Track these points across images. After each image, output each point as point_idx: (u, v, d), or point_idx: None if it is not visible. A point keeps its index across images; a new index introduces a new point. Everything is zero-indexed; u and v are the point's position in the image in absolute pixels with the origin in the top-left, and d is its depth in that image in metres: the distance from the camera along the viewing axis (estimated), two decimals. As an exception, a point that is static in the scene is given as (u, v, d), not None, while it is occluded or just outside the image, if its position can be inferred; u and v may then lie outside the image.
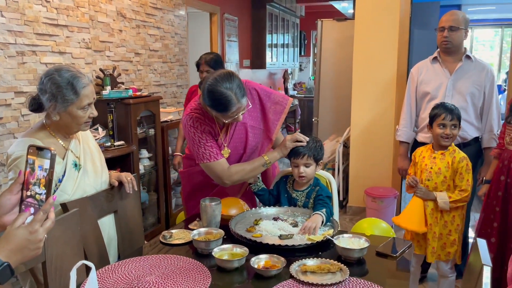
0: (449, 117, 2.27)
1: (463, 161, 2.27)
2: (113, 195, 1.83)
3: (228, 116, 1.88)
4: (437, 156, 2.32)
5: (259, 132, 2.13)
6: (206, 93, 1.85)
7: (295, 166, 2.02)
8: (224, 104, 1.82)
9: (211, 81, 1.84)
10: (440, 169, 2.29)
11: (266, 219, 1.93)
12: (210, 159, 1.97)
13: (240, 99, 1.84)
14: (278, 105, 2.13)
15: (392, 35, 3.97)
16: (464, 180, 2.25)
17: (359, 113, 4.19)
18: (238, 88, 1.84)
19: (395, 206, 4.08)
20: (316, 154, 2.01)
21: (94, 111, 1.69)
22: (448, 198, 2.25)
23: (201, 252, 1.65)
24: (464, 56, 2.70)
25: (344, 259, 1.59)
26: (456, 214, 2.30)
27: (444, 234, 2.31)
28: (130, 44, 3.81)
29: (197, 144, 1.97)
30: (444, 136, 2.28)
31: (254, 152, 2.15)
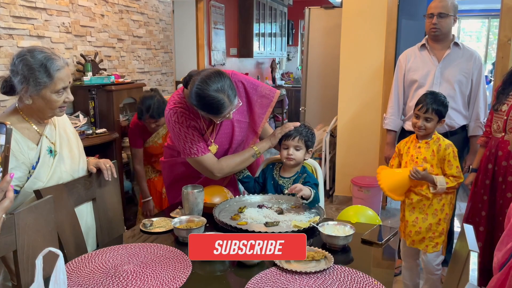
0: (424, 109, 2.20)
1: (449, 148, 2.21)
2: (91, 182, 1.76)
3: (220, 117, 1.81)
4: (422, 145, 2.26)
5: (245, 126, 2.07)
6: (195, 97, 1.73)
7: (284, 148, 1.98)
8: (216, 108, 1.74)
9: (199, 84, 1.72)
10: (426, 158, 2.23)
11: (250, 206, 1.88)
12: (198, 153, 1.91)
13: (232, 100, 1.76)
14: (265, 99, 2.07)
15: (380, 24, 3.93)
16: (454, 167, 2.19)
17: (346, 102, 4.15)
18: (230, 88, 1.75)
19: (381, 195, 4.08)
20: (307, 139, 1.98)
21: (69, 95, 1.61)
22: (446, 184, 2.17)
23: (182, 241, 1.60)
24: (452, 43, 2.67)
25: (329, 247, 1.55)
26: (446, 203, 2.24)
27: (433, 224, 2.23)
28: (112, 29, 3.71)
29: (183, 139, 1.90)
30: (417, 127, 2.22)
31: (239, 147, 2.09)
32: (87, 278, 1.31)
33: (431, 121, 2.20)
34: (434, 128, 2.24)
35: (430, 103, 2.20)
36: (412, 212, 2.26)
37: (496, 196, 2.26)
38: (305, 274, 1.34)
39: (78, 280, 1.30)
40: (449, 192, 2.22)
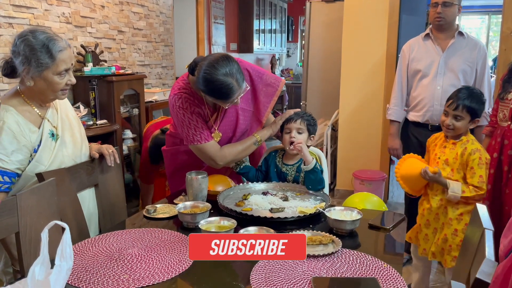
0: (453, 105, 1.95)
1: (475, 153, 1.92)
2: (93, 168, 1.73)
3: (228, 102, 1.78)
4: (448, 145, 2.02)
5: (249, 115, 2.04)
6: (202, 82, 1.70)
7: (286, 133, 1.95)
8: (225, 93, 1.71)
9: (207, 69, 1.68)
10: (448, 160, 1.99)
11: (255, 194, 1.85)
12: (201, 141, 1.88)
13: (241, 84, 1.73)
14: (270, 87, 2.04)
15: (382, 16, 3.91)
16: (476, 176, 1.91)
17: (348, 96, 4.13)
18: (238, 72, 1.72)
19: (383, 188, 4.06)
20: (309, 123, 1.96)
21: (72, 78, 1.58)
22: (462, 193, 1.93)
23: (186, 226, 1.57)
24: (457, 32, 2.65)
25: (336, 232, 1.53)
26: (465, 211, 1.98)
27: (449, 235, 1.99)
28: (113, 21, 3.68)
29: (187, 125, 1.86)
30: (444, 125, 2.01)
31: (243, 135, 2.06)
32: (91, 261, 1.28)
33: (461, 120, 1.95)
34: (464, 129, 1.99)
35: (462, 98, 1.95)
36: (428, 224, 2.08)
37: (502, 185, 2.23)
38: (313, 258, 1.31)
39: (82, 263, 1.27)
40: (469, 202, 1.98)
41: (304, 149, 1.88)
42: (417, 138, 2.77)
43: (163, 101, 3.76)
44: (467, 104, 1.94)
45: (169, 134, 2.14)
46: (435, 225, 2.05)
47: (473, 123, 2.00)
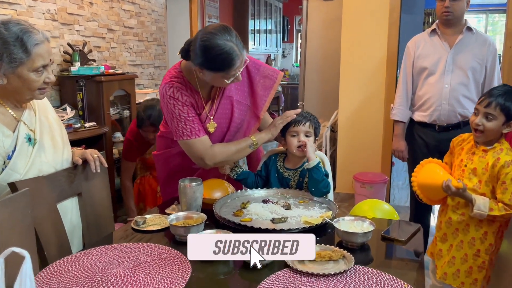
0: (485, 102, 1.72)
1: (509, 166, 1.69)
2: (76, 175, 1.57)
3: (230, 74, 1.61)
4: (478, 152, 1.79)
5: (245, 109, 1.89)
6: (201, 51, 1.56)
7: (293, 136, 1.79)
8: (226, 60, 1.56)
9: (205, 36, 1.56)
10: (476, 170, 1.76)
11: (254, 201, 1.70)
12: (191, 135, 1.72)
13: (241, 51, 1.60)
14: (268, 79, 1.89)
15: (382, 15, 3.77)
16: (508, 193, 1.68)
17: (348, 96, 3.99)
18: (238, 40, 1.60)
19: (385, 191, 3.91)
20: (316, 126, 1.82)
21: (50, 75, 1.41)
22: (489, 210, 1.69)
23: (179, 240, 1.41)
24: (465, 28, 2.51)
25: (345, 245, 1.38)
26: (490, 231, 1.78)
27: (470, 255, 1.79)
28: (102, 18, 3.51)
29: (177, 118, 1.72)
30: (473, 127, 1.78)
31: (238, 131, 1.90)
32: (69, 283, 1.12)
33: (493, 121, 1.71)
34: (496, 133, 1.73)
35: (495, 95, 1.71)
36: (445, 238, 1.88)
37: None
38: (323, 277, 1.16)
39: (59, 286, 1.11)
40: (496, 220, 1.76)
41: (310, 147, 1.75)
42: (423, 139, 2.63)
43: (155, 102, 3.59)
44: (501, 102, 1.69)
45: (160, 135, 1.98)
46: (452, 241, 1.85)
47: (508, 127, 1.73)
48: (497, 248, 1.85)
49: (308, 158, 1.74)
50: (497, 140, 1.78)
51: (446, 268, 1.86)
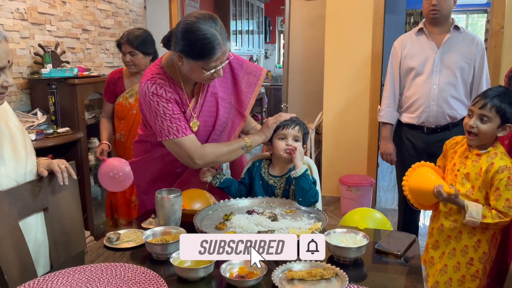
0: (480, 103, 1.64)
1: (503, 172, 1.61)
2: (41, 188, 1.42)
3: (210, 65, 1.50)
4: (471, 156, 1.71)
5: (229, 107, 1.78)
6: (182, 35, 1.48)
7: (280, 139, 1.69)
8: (207, 46, 1.46)
9: (189, 20, 1.48)
10: (469, 174, 1.69)
11: (238, 213, 1.58)
12: (178, 134, 1.60)
13: (224, 41, 1.50)
14: (252, 76, 1.79)
15: (366, 14, 3.71)
16: (502, 200, 1.60)
17: (332, 97, 3.91)
18: (222, 29, 1.50)
19: (371, 194, 3.84)
20: (305, 131, 1.74)
21: (8, 78, 1.27)
22: (482, 218, 1.62)
23: (156, 258, 1.29)
24: (453, 27, 2.44)
25: (337, 260, 1.27)
26: (484, 239, 1.70)
27: (462, 264, 1.72)
28: (76, 18, 3.34)
29: (162, 116, 1.59)
30: (467, 129, 1.69)
31: (223, 131, 1.79)
32: (29, 315, 0.99)
33: (488, 123, 1.63)
34: (491, 136, 1.65)
35: (491, 96, 1.63)
36: (437, 245, 1.80)
37: None
38: (315, 299, 1.05)
39: (17, 319, 0.97)
40: (490, 228, 1.68)
41: (298, 153, 1.65)
42: (412, 141, 2.56)
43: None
44: (497, 104, 1.61)
45: (138, 140, 1.85)
46: (444, 248, 1.77)
47: (503, 130, 1.65)
48: (491, 257, 1.77)
49: (296, 165, 1.63)
50: (491, 144, 1.70)
51: (438, 276, 1.78)
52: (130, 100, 2.57)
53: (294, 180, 1.65)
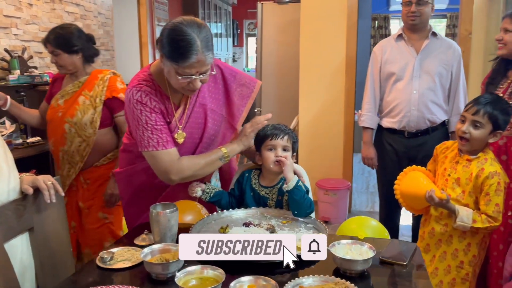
0: (473, 109, 1.67)
1: (493, 177, 1.65)
2: (26, 207, 1.32)
3: (185, 71, 1.44)
4: (461, 161, 1.73)
5: (220, 119, 1.72)
6: (165, 33, 1.45)
7: (269, 150, 1.64)
8: (183, 48, 1.41)
9: (176, 21, 1.45)
10: (459, 179, 1.72)
11: (234, 225, 1.53)
12: (158, 146, 1.54)
13: (204, 50, 1.44)
14: (245, 88, 1.74)
15: (340, 18, 3.73)
16: (492, 205, 1.64)
17: (308, 101, 3.91)
18: (206, 39, 1.45)
19: (348, 198, 3.88)
20: (294, 140, 1.69)
21: None
22: (472, 222, 1.66)
23: (156, 278, 1.22)
24: (431, 33, 2.49)
25: (343, 273, 1.25)
26: (473, 242, 1.74)
27: (453, 267, 1.75)
28: (43, 21, 3.19)
29: (143, 125, 1.53)
30: (459, 135, 1.71)
31: (212, 143, 1.73)
32: None
33: (481, 129, 1.66)
34: (482, 142, 1.69)
35: (483, 103, 1.67)
36: (428, 249, 1.82)
37: None
38: (331, 316, 1.02)
39: None
40: (479, 231, 1.72)
41: (289, 163, 1.60)
42: (392, 146, 2.59)
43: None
44: (490, 110, 1.65)
45: (123, 149, 1.77)
46: (435, 252, 1.80)
47: (494, 136, 1.70)
48: (480, 260, 1.81)
49: (286, 178, 1.58)
50: (482, 150, 1.73)
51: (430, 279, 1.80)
52: (60, 102, 2.25)
53: (287, 193, 1.61)
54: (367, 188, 4.88)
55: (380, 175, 2.72)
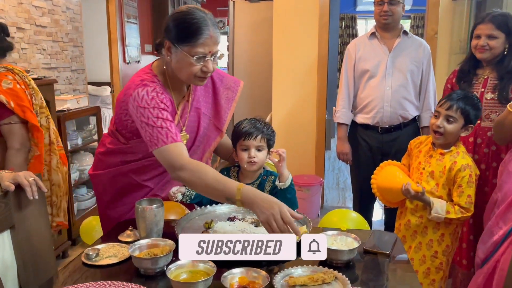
0: (446, 104, 1.75)
1: (465, 170, 1.74)
2: (7, 204, 1.28)
3: (198, 50, 1.40)
4: (435, 155, 1.82)
5: (208, 122, 1.71)
6: (171, 19, 1.44)
7: (243, 150, 1.66)
8: (194, 25, 1.39)
9: (180, 7, 1.48)
10: (433, 172, 1.80)
11: (219, 220, 1.54)
12: (177, 138, 1.42)
13: (214, 27, 1.44)
14: (230, 91, 1.74)
15: (312, 17, 3.79)
16: (464, 196, 1.74)
17: (281, 99, 3.95)
18: (213, 18, 1.46)
19: (320, 194, 3.95)
20: (269, 138, 1.70)
21: None
22: (446, 213, 1.75)
23: (144, 273, 1.22)
24: (402, 32, 2.58)
25: (329, 263, 1.28)
26: (447, 233, 1.83)
27: (428, 257, 1.84)
28: (10, 16, 3.08)
29: (153, 122, 1.41)
30: (434, 129, 1.80)
31: (200, 145, 1.71)
32: None
33: (454, 123, 1.75)
34: (456, 134, 1.78)
35: (456, 98, 1.75)
36: (404, 241, 1.87)
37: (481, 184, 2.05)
38: (323, 304, 1.05)
39: None
40: (452, 222, 1.82)
41: (285, 161, 1.63)
42: (366, 141, 2.66)
43: (77, 109, 3.23)
44: (462, 106, 1.75)
45: (104, 152, 1.69)
46: (411, 243, 1.87)
47: (466, 130, 1.80)
48: (453, 249, 1.90)
49: (281, 175, 1.60)
50: (454, 144, 1.81)
51: None
52: None
53: (278, 191, 1.63)
54: (338, 184, 4.98)
55: (354, 170, 2.78)
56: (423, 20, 8.65)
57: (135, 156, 1.61)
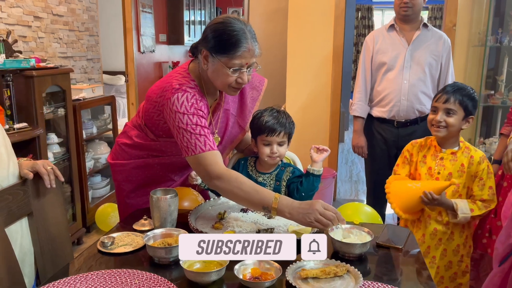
0: (443, 97, 1.70)
1: (484, 161, 1.68)
2: (26, 192, 1.31)
3: (235, 61, 1.40)
4: (446, 156, 1.74)
5: (233, 121, 1.72)
6: (210, 29, 1.43)
7: (265, 145, 1.65)
8: (233, 37, 1.38)
9: (219, 17, 1.46)
10: (452, 174, 1.71)
11: (232, 211, 1.55)
12: (213, 146, 1.42)
13: (253, 40, 1.43)
14: (255, 91, 1.75)
15: (328, 8, 3.75)
16: (486, 188, 1.67)
17: (295, 91, 3.93)
18: (252, 30, 1.45)
19: (333, 186, 3.93)
20: (290, 132, 1.70)
21: None
22: (470, 211, 1.68)
23: (158, 262, 1.23)
24: (422, 24, 2.54)
25: (341, 256, 1.28)
26: (469, 234, 1.77)
27: (454, 262, 1.76)
28: (27, 4, 3.10)
29: (191, 128, 1.41)
30: (433, 124, 1.74)
31: (227, 144, 1.73)
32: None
33: (454, 115, 1.69)
34: (458, 127, 1.71)
35: (451, 91, 1.71)
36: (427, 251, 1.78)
37: None
38: (334, 297, 1.05)
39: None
40: (471, 224, 1.74)
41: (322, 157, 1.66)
42: (382, 135, 2.64)
43: (92, 99, 3.26)
44: (459, 97, 1.70)
45: (131, 145, 1.68)
46: (435, 252, 1.78)
47: (466, 122, 1.74)
48: (472, 249, 1.84)
49: (315, 163, 1.64)
50: (456, 140, 1.76)
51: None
52: None
53: (307, 177, 1.63)
54: (351, 177, 4.96)
55: (369, 163, 2.76)
56: (441, 12, 8.48)
57: (164, 153, 1.63)
